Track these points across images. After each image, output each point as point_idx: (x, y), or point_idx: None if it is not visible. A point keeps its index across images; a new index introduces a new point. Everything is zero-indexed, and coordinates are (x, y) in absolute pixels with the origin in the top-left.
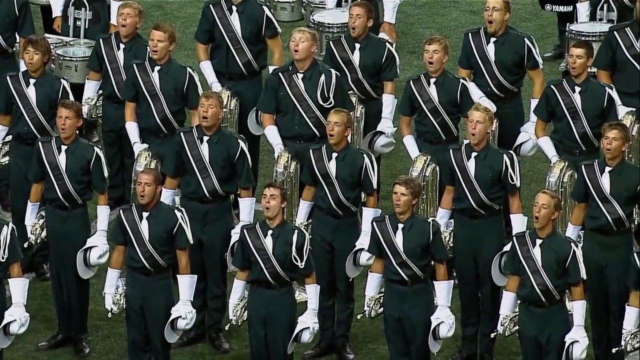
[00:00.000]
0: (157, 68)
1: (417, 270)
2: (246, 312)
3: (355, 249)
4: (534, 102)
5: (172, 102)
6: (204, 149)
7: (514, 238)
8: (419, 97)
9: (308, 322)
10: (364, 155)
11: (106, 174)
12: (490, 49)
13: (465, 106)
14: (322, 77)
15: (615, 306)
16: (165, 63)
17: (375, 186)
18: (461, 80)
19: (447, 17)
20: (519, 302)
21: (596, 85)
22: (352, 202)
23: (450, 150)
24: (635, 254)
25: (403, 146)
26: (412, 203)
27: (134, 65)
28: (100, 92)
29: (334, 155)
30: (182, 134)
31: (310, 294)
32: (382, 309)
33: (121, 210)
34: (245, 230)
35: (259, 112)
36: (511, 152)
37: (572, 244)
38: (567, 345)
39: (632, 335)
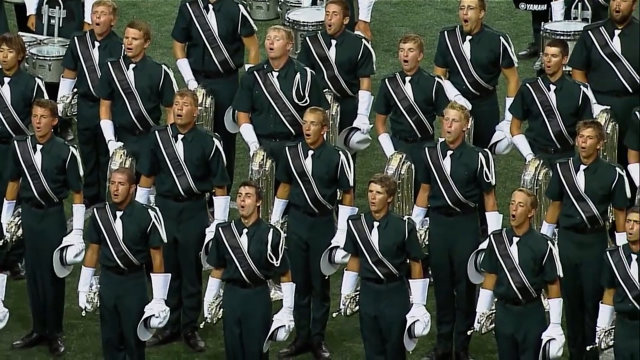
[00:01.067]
0: (132, 66)
1: (392, 268)
2: (221, 310)
3: (331, 246)
4: (509, 101)
5: (147, 99)
6: (179, 147)
7: (491, 236)
8: (394, 96)
9: (283, 320)
10: (340, 153)
11: (82, 172)
12: (466, 47)
13: (441, 104)
14: (298, 76)
15: (590, 304)
16: (140, 61)
17: (351, 183)
18: (436, 79)
19: (422, 15)
20: (495, 299)
21: (571, 83)
22: (328, 200)
23: (426, 149)
24: (607, 252)
25: (378, 144)
26: (387, 201)
27: (109, 63)
28: (75, 90)
29: (310, 153)
30: (156, 132)
31: (285, 292)
32: (357, 307)
33: (95, 209)
34: (220, 229)
35: (235, 110)
36: (486, 150)
37: (549, 241)
38: (544, 342)
39: (606, 333)
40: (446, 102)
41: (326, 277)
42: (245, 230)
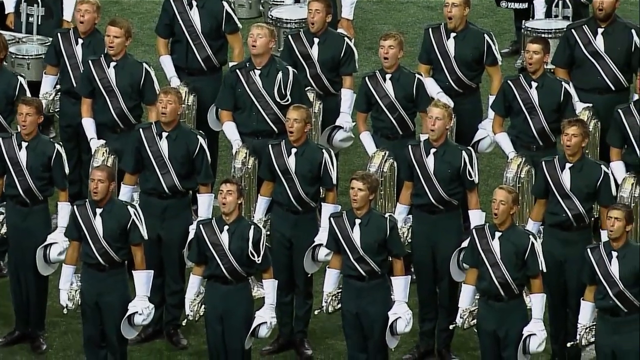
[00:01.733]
0: (113, 64)
1: (374, 265)
2: (203, 307)
3: (314, 244)
4: (492, 99)
5: (128, 97)
6: (163, 145)
7: (473, 230)
8: (375, 93)
9: (265, 317)
10: (323, 151)
11: (67, 170)
12: (450, 45)
13: (421, 101)
14: (280, 74)
15: (573, 301)
16: (122, 59)
17: (334, 181)
18: (417, 76)
19: (405, 12)
20: (477, 295)
21: (552, 80)
22: (311, 198)
23: (409, 146)
24: (588, 249)
25: (361, 142)
26: (369, 198)
27: (90, 61)
28: (58, 87)
29: (294, 150)
30: (141, 130)
31: (267, 288)
32: (340, 304)
33: (75, 206)
34: (201, 226)
35: (218, 108)
36: (470, 148)
37: (531, 236)
38: (524, 337)
39: (587, 330)
40: (427, 98)
41: (309, 275)
42: (226, 227)
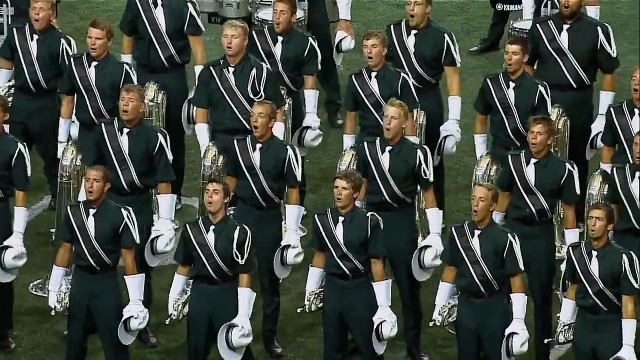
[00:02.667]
0: (94, 63)
1: (357, 264)
2: (186, 307)
3: (282, 246)
4: (451, 99)
5: (107, 98)
6: (124, 141)
7: (453, 229)
8: (361, 92)
9: (240, 324)
10: (288, 148)
11: (29, 171)
12: (410, 41)
13: (405, 99)
14: (253, 71)
15: (536, 294)
16: (103, 59)
17: (298, 178)
18: (402, 74)
19: (374, 11)
20: (458, 293)
21: (530, 82)
22: (275, 194)
23: (365, 144)
24: (570, 248)
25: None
26: (353, 197)
27: (71, 58)
28: (11, 82)
29: (258, 146)
30: (103, 125)
31: (242, 298)
32: (322, 303)
33: (69, 207)
34: (188, 226)
35: (191, 108)
36: (425, 147)
37: (509, 234)
38: (506, 337)
39: (567, 327)
40: (411, 97)
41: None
42: (212, 227)
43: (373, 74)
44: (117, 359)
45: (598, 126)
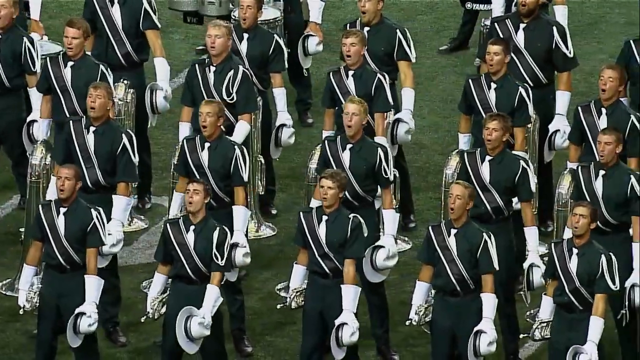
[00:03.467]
0: (70, 63)
1: (338, 263)
2: (164, 306)
3: (231, 243)
4: (404, 91)
5: (82, 98)
6: (90, 139)
7: (430, 228)
8: (338, 90)
9: (199, 319)
10: (235, 147)
11: None
12: None
13: (377, 100)
14: (231, 72)
15: (498, 293)
16: (79, 59)
17: (245, 179)
18: (378, 75)
19: (344, 10)
20: (433, 291)
21: (511, 83)
22: (225, 193)
23: (326, 142)
24: (552, 244)
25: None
26: (339, 196)
27: (47, 58)
28: None
29: (207, 145)
30: (71, 122)
31: (210, 293)
32: (303, 301)
33: (40, 206)
34: (168, 225)
35: (153, 96)
36: (385, 145)
37: (485, 233)
38: (473, 336)
39: (545, 325)
40: (383, 99)
41: (244, 273)
42: (192, 227)
43: (350, 73)
44: (87, 358)
45: (555, 125)
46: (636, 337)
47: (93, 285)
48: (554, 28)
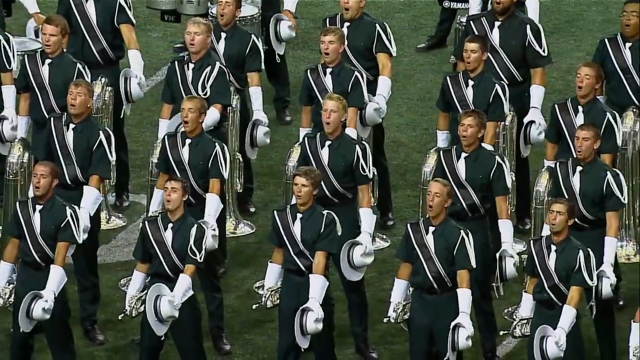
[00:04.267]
0: (47, 61)
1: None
2: (142, 304)
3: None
4: (380, 79)
5: (60, 96)
6: (69, 136)
7: (408, 225)
8: (315, 87)
9: (176, 298)
10: (216, 144)
11: None
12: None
13: (352, 97)
14: (207, 69)
15: (474, 290)
16: (57, 57)
17: (224, 175)
18: (355, 73)
19: (322, 8)
20: (411, 289)
21: (488, 80)
22: (203, 190)
23: (306, 139)
24: (531, 241)
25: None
26: (313, 194)
27: (25, 56)
28: None
29: (188, 141)
30: (52, 119)
31: (182, 281)
32: (279, 299)
33: (17, 203)
34: (146, 223)
35: (127, 83)
36: (364, 142)
37: (462, 231)
38: (451, 331)
39: (525, 322)
40: (358, 96)
41: (221, 271)
42: (170, 225)
43: (328, 70)
44: (64, 357)
45: (530, 117)
46: (613, 332)
47: (57, 276)
48: (528, 26)
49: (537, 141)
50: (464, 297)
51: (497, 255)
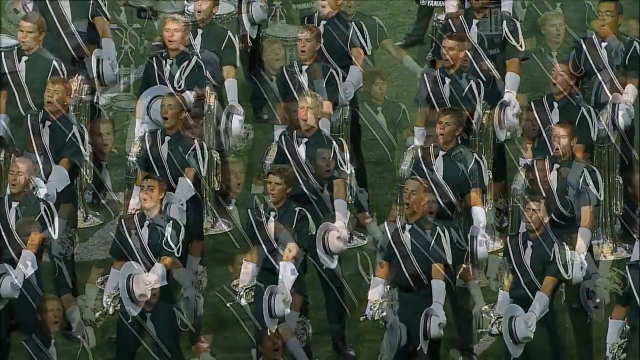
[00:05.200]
0: (24, 58)
1: None
2: (120, 302)
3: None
4: (352, 68)
5: (36, 92)
6: (45, 133)
7: (386, 224)
8: (291, 85)
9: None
10: (195, 140)
11: None
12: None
13: (328, 92)
14: (185, 63)
15: (451, 284)
16: (34, 54)
17: (200, 168)
18: (331, 69)
19: (308, 4)
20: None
21: (465, 77)
22: None
23: (282, 136)
24: (507, 238)
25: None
26: (286, 192)
27: (2, 53)
28: None
29: (167, 139)
30: (29, 116)
31: (155, 268)
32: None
33: None
34: (122, 221)
35: (100, 67)
36: (341, 139)
37: (438, 228)
38: (423, 318)
39: (502, 319)
40: (333, 90)
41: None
42: (146, 223)
43: (304, 68)
44: (40, 355)
45: (505, 98)
46: (590, 330)
47: (27, 257)
48: (504, 22)
49: (512, 124)
50: (438, 287)
51: (469, 235)
